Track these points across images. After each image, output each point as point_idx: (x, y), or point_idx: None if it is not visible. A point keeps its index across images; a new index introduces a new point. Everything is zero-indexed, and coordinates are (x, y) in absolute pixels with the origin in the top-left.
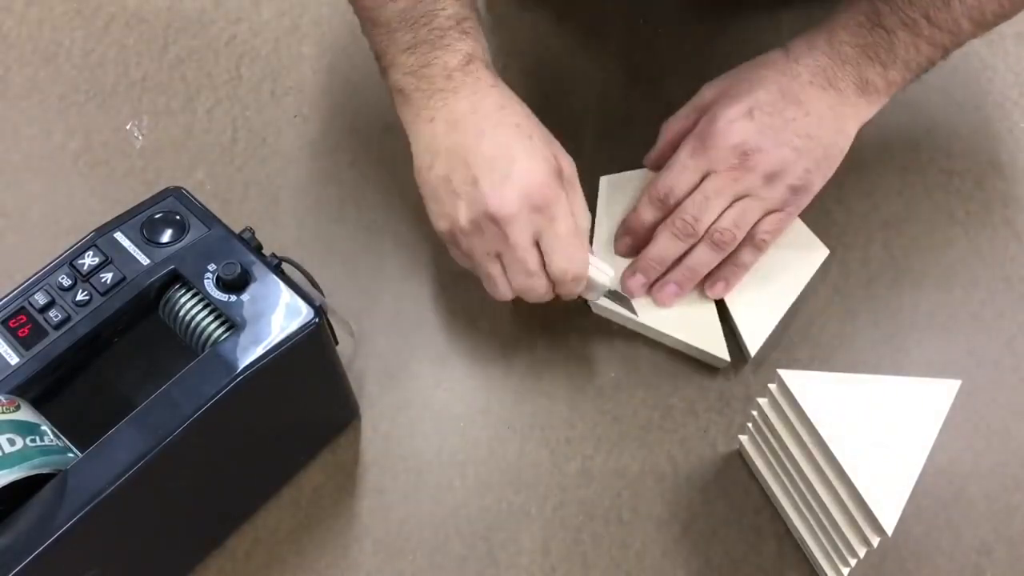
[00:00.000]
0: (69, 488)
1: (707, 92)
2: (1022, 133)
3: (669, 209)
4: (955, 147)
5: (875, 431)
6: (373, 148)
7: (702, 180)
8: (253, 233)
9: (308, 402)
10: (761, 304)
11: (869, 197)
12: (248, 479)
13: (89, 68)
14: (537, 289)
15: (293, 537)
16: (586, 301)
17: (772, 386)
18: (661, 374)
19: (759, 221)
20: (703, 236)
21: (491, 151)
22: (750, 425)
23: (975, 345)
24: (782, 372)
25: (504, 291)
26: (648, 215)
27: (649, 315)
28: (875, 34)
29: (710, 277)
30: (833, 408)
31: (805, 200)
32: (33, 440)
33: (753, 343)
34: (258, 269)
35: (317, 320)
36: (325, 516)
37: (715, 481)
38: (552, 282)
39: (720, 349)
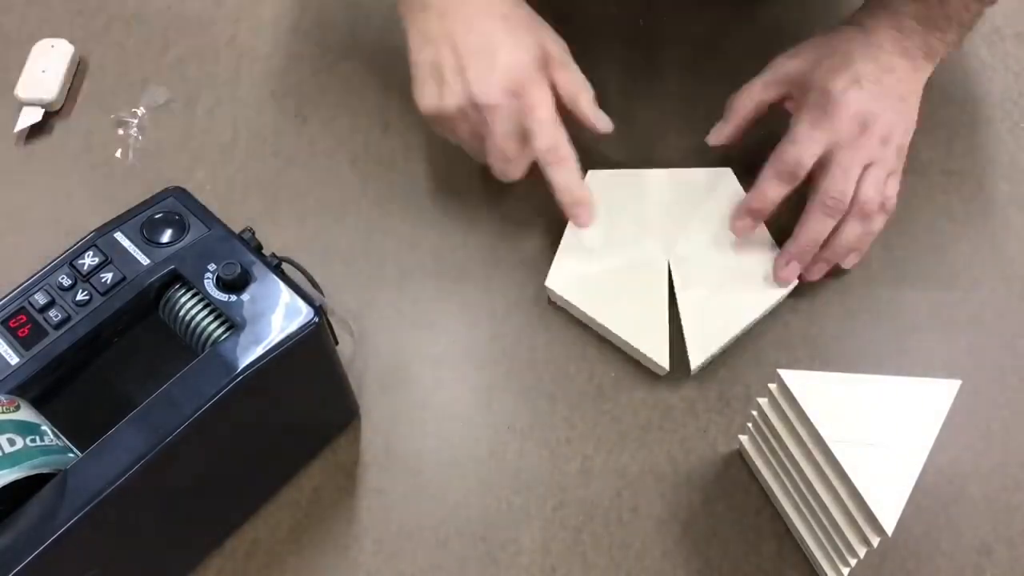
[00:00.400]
0: (69, 488)
1: (786, 66)
2: (1022, 133)
3: (798, 180)
4: (955, 147)
5: (875, 431)
6: (373, 148)
7: (825, 152)
8: (253, 233)
9: (308, 402)
10: (716, 319)
11: None
12: (248, 479)
13: (89, 68)
14: (511, 174)
15: (293, 537)
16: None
17: (772, 386)
18: (661, 374)
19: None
20: (851, 211)
21: (477, 41)
22: (750, 425)
23: (975, 345)
24: (782, 372)
25: (483, 161)
26: (776, 191)
27: (599, 311)
28: (930, 5)
29: (846, 250)
30: (833, 408)
31: (903, 158)
32: (33, 440)
33: (696, 356)
34: (258, 269)
35: (317, 320)
36: (325, 516)
37: (715, 481)
38: (531, 163)
39: (662, 356)
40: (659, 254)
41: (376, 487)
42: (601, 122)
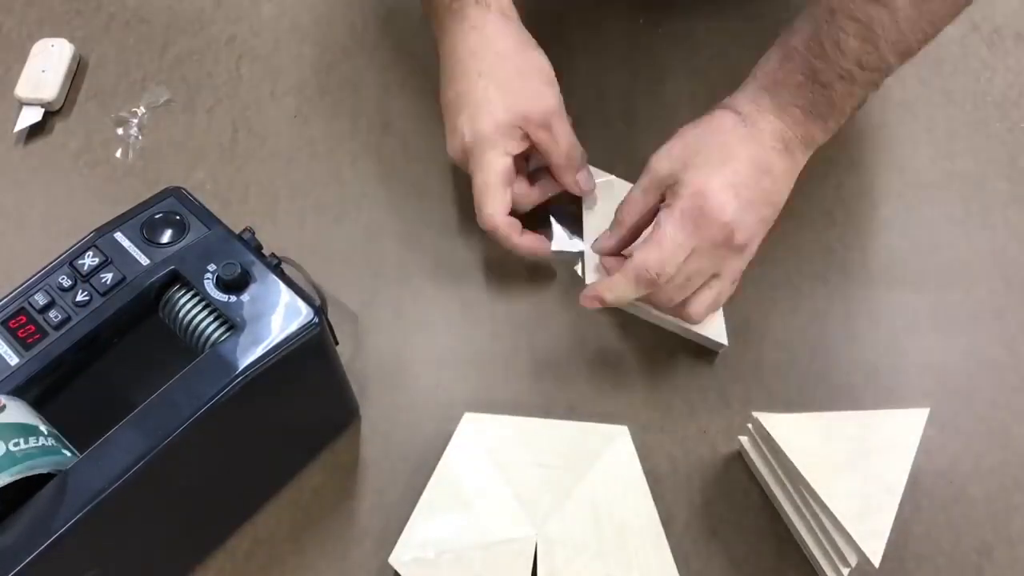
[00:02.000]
0: (69, 488)
1: (662, 165)
2: (1022, 133)
3: (657, 287)
4: (955, 147)
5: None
6: (373, 148)
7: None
8: (253, 233)
9: (308, 402)
10: None
11: (869, 197)
12: (248, 479)
13: (89, 68)
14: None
15: (293, 537)
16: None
17: (749, 426)
18: (661, 374)
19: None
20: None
21: (452, 100)
22: (750, 426)
23: (975, 345)
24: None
25: None
26: (631, 292)
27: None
28: (815, 92)
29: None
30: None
31: (747, 261)
32: (27, 441)
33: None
34: (258, 269)
35: (317, 320)
36: (325, 516)
37: (715, 481)
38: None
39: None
40: (527, 531)
41: (376, 487)
42: (576, 187)
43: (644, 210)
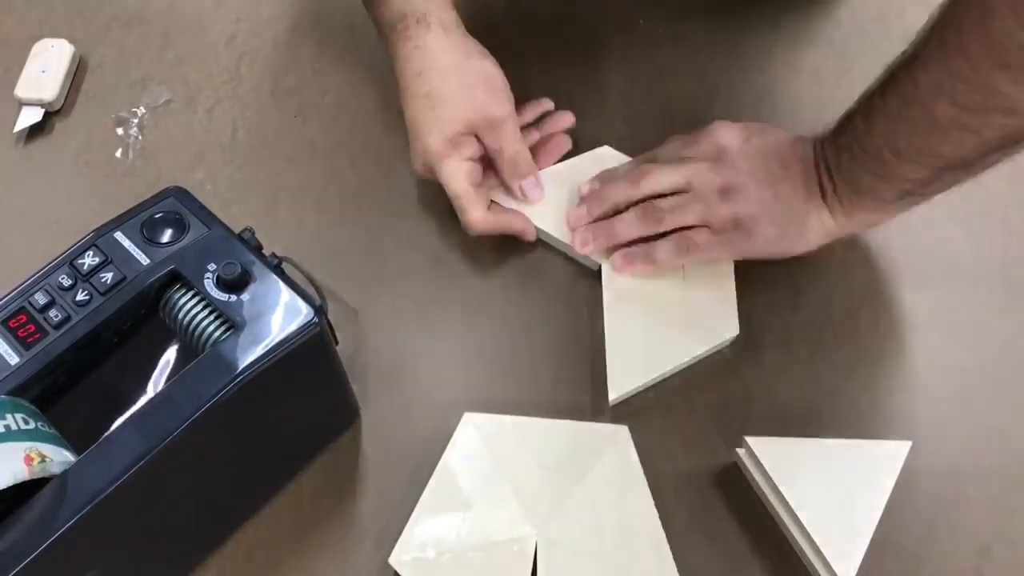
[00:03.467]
0: (69, 488)
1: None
2: None
3: (638, 185)
4: None
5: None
6: (373, 148)
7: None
8: (253, 233)
9: (308, 402)
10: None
11: None
12: (248, 479)
13: (89, 68)
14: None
15: (293, 537)
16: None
17: (740, 451)
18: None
19: (693, 228)
20: (638, 205)
21: (408, 122)
22: (741, 450)
23: (975, 345)
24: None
25: None
26: (619, 192)
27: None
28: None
29: (624, 250)
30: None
31: (738, 245)
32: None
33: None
34: (258, 269)
35: (317, 320)
36: (325, 516)
37: (715, 482)
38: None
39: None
40: (526, 531)
41: (376, 487)
42: (520, 194)
43: None
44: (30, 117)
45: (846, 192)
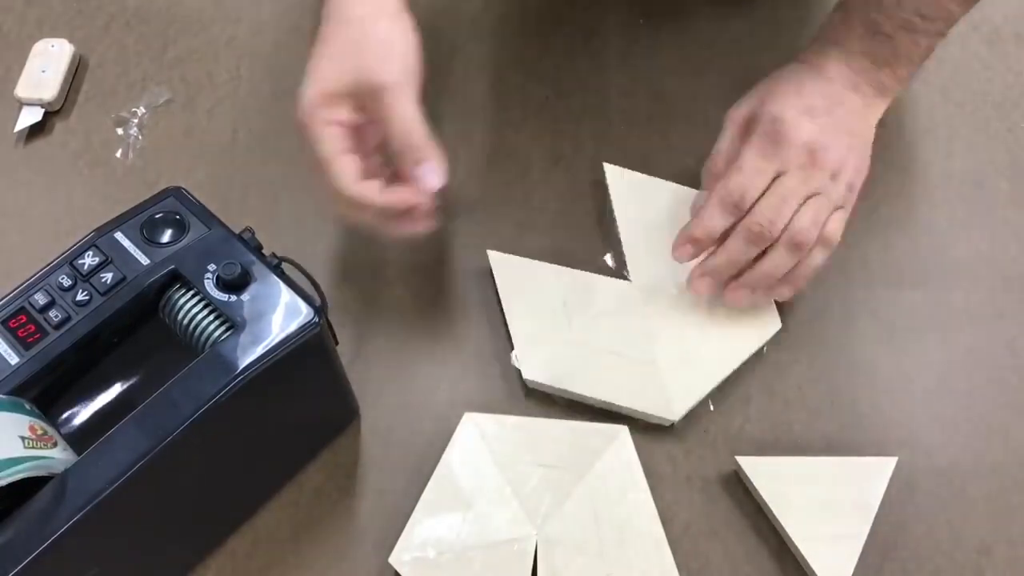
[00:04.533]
0: (69, 488)
1: (739, 111)
2: (1022, 133)
3: (743, 212)
4: (955, 147)
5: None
6: None
7: (771, 182)
8: (253, 233)
9: (308, 402)
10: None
11: (869, 197)
12: (248, 479)
13: (89, 68)
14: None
15: (293, 537)
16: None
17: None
18: None
19: (826, 220)
20: (781, 239)
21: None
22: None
23: (975, 345)
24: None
25: None
26: (719, 221)
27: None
28: (877, 41)
29: (781, 281)
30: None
31: (854, 197)
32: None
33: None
34: (258, 269)
35: (317, 320)
36: (325, 516)
37: (715, 481)
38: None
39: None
40: (527, 531)
41: (376, 487)
42: (418, 180)
43: (732, 155)
44: (30, 117)
45: (898, 65)
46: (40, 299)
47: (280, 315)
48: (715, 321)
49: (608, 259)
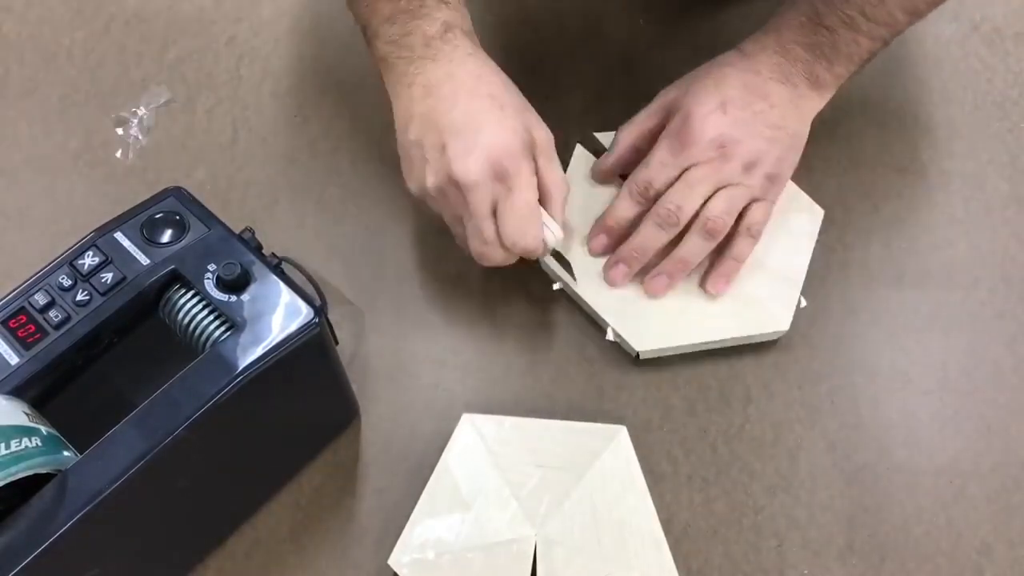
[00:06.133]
0: (69, 488)
1: (668, 94)
2: (1022, 133)
3: (650, 201)
4: (955, 147)
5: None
6: (373, 148)
7: (680, 175)
8: (253, 233)
9: (308, 402)
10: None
11: (869, 197)
12: (248, 479)
13: (89, 68)
14: (493, 257)
15: (293, 537)
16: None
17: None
18: (661, 374)
19: (746, 211)
20: (694, 226)
21: (461, 119)
22: None
23: (975, 345)
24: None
25: (468, 251)
26: (628, 210)
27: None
28: (818, 33)
29: (710, 274)
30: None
31: (779, 189)
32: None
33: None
34: (258, 269)
35: (317, 320)
36: (325, 516)
37: (715, 481)
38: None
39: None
40: (526, 532)
41: (376, 487)
42: (556, 230)
43: (644, 131)
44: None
45: (836, 61)
46: (40, 299)
47: (280, 315)
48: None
49: None
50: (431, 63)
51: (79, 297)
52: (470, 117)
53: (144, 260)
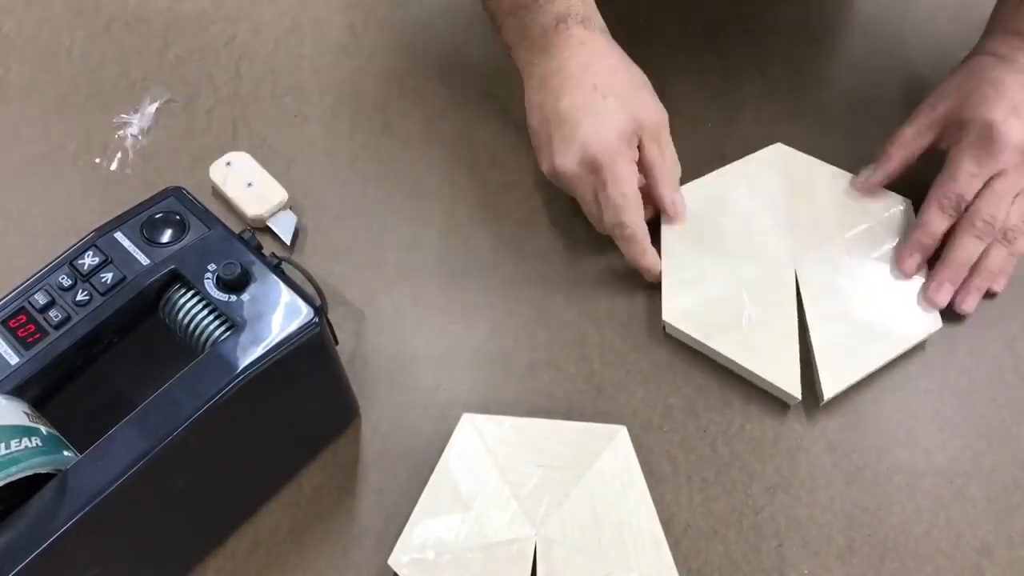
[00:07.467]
0: (69, 488)
1: (936, 110)
2: None
3: (961, 214)
4: None
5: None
6: (373, 148)
7: (985, 184)
8: (253, 233)
9: (308, 402)
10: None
11: None
12: (248, 479)
13: (89, 68)
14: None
15: (293, 537)
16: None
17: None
18: (661, 374)
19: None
20: (996, 235)
21: (564, 112)
22: None
23: (975, 345)
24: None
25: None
26: (940, 225)
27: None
28: None
29: (960, 291)
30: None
31: None
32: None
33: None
34: (258, 269)
35: (317, 320)
36: (325, 516)
37: (715, 481)
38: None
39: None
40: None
41: (376, 487)
42: (672, 208)
43: (916, 149)
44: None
45: None
46: (40, 299)
47: (280, 315)
48: (871, 310)
49: None
50: (545, 55)
51: (79, 297)
52: (572, 111)
53: (144, 260)
